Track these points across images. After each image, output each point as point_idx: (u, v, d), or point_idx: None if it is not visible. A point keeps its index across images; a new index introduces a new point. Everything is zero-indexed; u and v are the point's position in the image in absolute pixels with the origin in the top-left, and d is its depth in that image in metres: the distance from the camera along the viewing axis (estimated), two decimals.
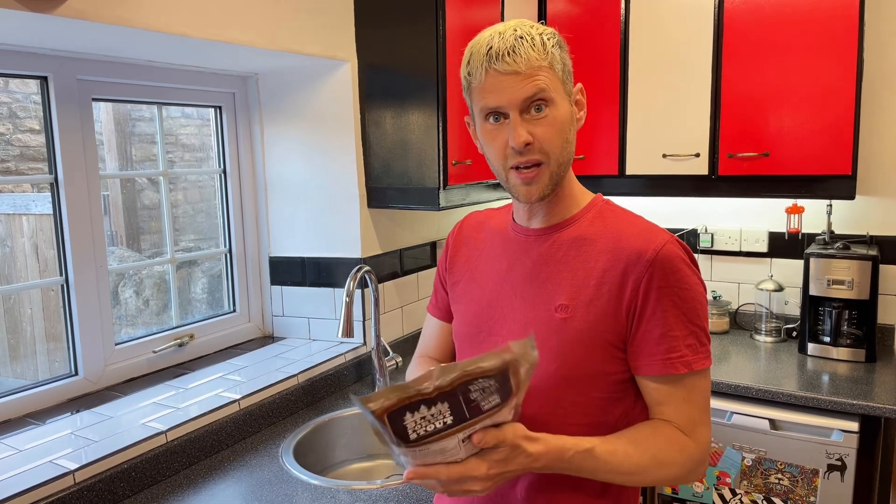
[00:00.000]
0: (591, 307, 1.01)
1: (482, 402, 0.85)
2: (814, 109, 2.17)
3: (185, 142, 2.68)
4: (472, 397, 0.85)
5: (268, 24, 1.78)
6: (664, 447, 0.99)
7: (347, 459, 1.92)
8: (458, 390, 0.84)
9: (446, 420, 0.85)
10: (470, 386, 0.84)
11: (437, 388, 0.83)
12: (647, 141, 2.46)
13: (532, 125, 0.99)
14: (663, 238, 1.01)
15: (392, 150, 2.09)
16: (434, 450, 0.87)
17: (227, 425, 1.71)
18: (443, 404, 0.84)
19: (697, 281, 1.03)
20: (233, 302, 2.27)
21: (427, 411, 0.84)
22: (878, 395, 1.93)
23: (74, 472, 1.37)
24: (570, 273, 1.04)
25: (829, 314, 2.26)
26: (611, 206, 1.11)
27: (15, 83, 2.14)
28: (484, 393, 0.85)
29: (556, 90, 1.00)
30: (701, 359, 1.01)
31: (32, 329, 2.27)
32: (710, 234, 2.70)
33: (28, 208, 2.31)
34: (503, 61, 0.97)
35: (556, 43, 1.00)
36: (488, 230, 1.20)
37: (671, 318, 0.99)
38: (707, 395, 1.04)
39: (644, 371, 1.02)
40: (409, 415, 0.83)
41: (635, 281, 0.99)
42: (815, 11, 2.13)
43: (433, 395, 0.83)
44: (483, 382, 0.85)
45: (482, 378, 0.84)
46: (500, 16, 2.28)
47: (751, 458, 2.06)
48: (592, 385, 1.02)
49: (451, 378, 0.84)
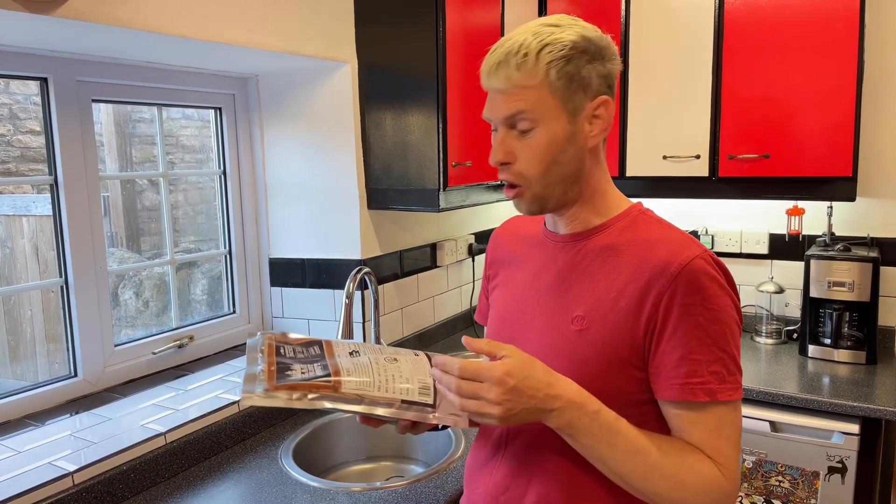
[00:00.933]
0: (607, 320, 0.96)
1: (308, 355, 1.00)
2: (814, 111, 2.16)
3: (185, 143, 2.68)
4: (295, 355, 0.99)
5: (268, 26, 1.78)
6: (691, 463, 0.91)
7: (347, 461, 1.92)
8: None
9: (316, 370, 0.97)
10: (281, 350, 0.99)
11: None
12: (647, 142, 2.46)
13: (516, 144, 0.97)
14: (694, 251, 0.94)
15: (392, 152, 2.09)
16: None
17: (227, 427, 1.71)
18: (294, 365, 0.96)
19: (729, 303, 0.94)
20: (232, 303, 2.27)
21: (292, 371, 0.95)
22: (878, 398, 1.93)
23: (73, 474, 1.37)
24: (591, 283, 0.99)
25: (830, 316, 2.25)
26: (647, 214, 1.04)
27: (15, 84, 2.14)
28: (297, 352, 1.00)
29: (547, 110, 0.95)
30: (728, 389, 0.92)
31: (32, 330, 2.27)
32: (710, 235, 2.69)
33: (28, 209, 2.31)
34: (489, 77, 0.97)
35: (562, 55, 0.93)
36: (522, 235, 1.17)
37: (693, 340, 0.91)
38: (739, 431, 0.95)
39: (663, 395, 0.94)
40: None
41: (657, 295, 0.92)
42: (815, 13, 2.13)
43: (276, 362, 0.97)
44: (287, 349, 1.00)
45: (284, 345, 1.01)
46: (500, 17, 2.28)
47: (751, 460, 2.06)
48: (608, 404, 0.94)
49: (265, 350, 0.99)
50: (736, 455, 0.94)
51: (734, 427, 0.94)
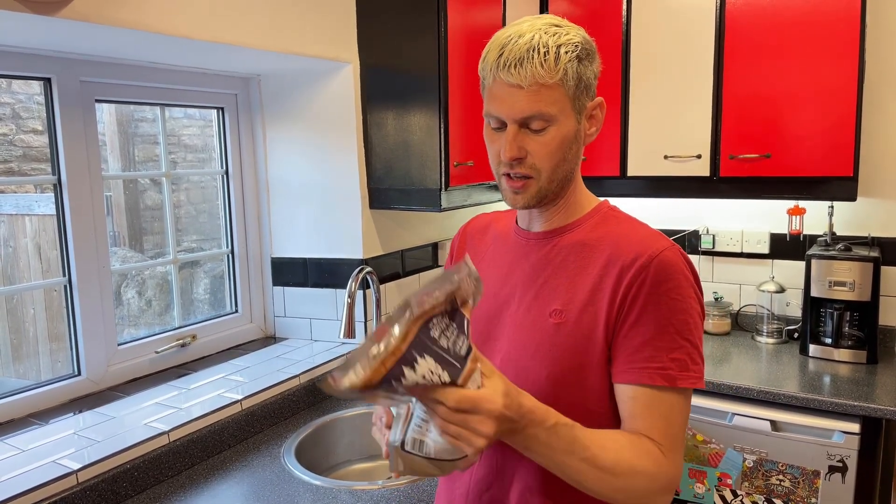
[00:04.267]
0: (585, 313, 0.98)
1: (455, 347, 0.77)
2: (815, 111, 2.17)
3: (188, 142, 2.69)
4: (442, 343, 0.76)
5: (270, 26, 1.79)
6: (643, 457, 0.92)
7: (349, 460, 1.93)
8: (421, 336, 0.75)
9: (443, 378, 0.75)
10: (430, 330, 0.75)
11: (402, 337, 0.74)
12: (648, 142, 2.46)
13: (528, 140, 0.97)
14: (662, 244, 0.97)
15: (394, 152, 2.09)
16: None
17: (230, 426, 1.71)
18: (425, 359, 0.74)
19: (693, 295, 0.97)
20: (235, 302, 2.28)
21: (414, 373, 0.73)
22: (879, 397, 1.93)
23: (77, 472, 1.37)
24: (566, 278, 1.01)
25: (831, 315, 2.26)
26: (615, 212, 1.08)
27: (18, 84, 2.15)
28: (447, 334, 0.76)
29: (562, 108, 0.96)
30: (690, 377, 0.94)
31: (35, 329, 2.28)
32: (711, 235, 2.70)
33: (31, 209, 2.32)
34: (509, 72, 0.94)
35: (575, 56, 0.94)
36: (492, 233, 1.19)
37: (657, 327, 0.93)
38: (685, 420, 0.97)
39: (621, 378, 0.95)
40: (397, 380, 0.73)
41: (626, 286, 0.95)
42: (816, 13, 2.13)
43: (405, 351, 0.74)
44: (440, 321, 0.76)
45: (437, 316, 0.76)
46: (501, 17, 2.28)
47: (752, 459, 2.06)
48: (586, 396, 0.97)
49: (407, 324, 0.75)
50: (680, 444, 0.96)
51: (684, 416, 0.96)
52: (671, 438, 0.94)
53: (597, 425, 0.96)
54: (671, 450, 0.94)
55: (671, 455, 0.94)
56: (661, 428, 0.94)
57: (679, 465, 0.95)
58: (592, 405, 0.99)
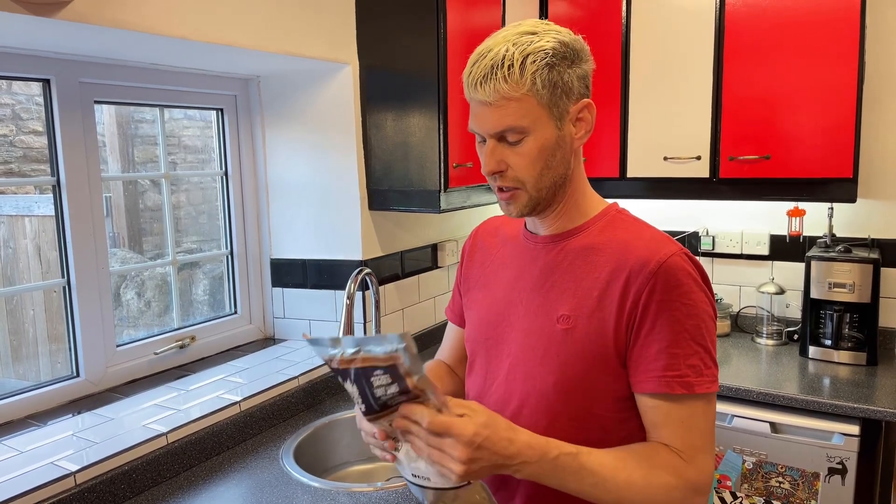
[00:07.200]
0: (593, 318, 0.97)
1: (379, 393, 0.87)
2: (815, 112, 2.17)
3: (187, 143, 2.69)
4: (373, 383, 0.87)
5: (269, 27, 1.79)
6: (658, 469, 0.93)
7: (348, 462, 1.93)
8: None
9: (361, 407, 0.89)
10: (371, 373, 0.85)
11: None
12: (648, 143, 2.46)
13: (507, 153, 0.98)
14: (670, 249, 0.97)
15: (393, 153, 2.09)
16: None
17: (228, 427, 1.71)
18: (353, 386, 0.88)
19: (704, 299, 0.97)
20: (234, 304, 2.28)
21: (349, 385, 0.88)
22: (879, 399, 1.93)
23: (75, 474, 1.37)
24: (574, 283, 1.01)
25: (831, 317, 2.25)
26: (623, 215, 1.07)
27: (18, 86, 2.15)
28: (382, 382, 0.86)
29: (536, 118, 0.95)
30: (705, 382, 0.94)
31: (34, 330, 2.28)
32: (711, 236, 2.70)
33: (31, 210, 2.32)
34: (475, 90, 0.95)
35: (544, 63, 0.93)
36: (502, 236, 1.18)
37: (671, 334, 0.94)
38: (712, 423, 0.97)
39: (640, 388, 0.96)
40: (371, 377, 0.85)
41: (636, 292, 0.95)
42: (816, 14, 2.13)
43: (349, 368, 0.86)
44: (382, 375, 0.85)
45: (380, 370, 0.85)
46: (500, 18, 2.28)
47: (751, 461, 2.06)
48: (593, 401, 0.98)
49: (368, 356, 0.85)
50: (709, 448, 0.96)
51: (708, 420, 0.97)
52: (692, 444, 0.95)
53: (603, 430, 0.98)
54: (694, 456, 0.94)
55: (694, 460, 0.94)
56: (682, 435, 0.95)
57: (705, 468, 0.96)
58: (599, 410, 0.99)
